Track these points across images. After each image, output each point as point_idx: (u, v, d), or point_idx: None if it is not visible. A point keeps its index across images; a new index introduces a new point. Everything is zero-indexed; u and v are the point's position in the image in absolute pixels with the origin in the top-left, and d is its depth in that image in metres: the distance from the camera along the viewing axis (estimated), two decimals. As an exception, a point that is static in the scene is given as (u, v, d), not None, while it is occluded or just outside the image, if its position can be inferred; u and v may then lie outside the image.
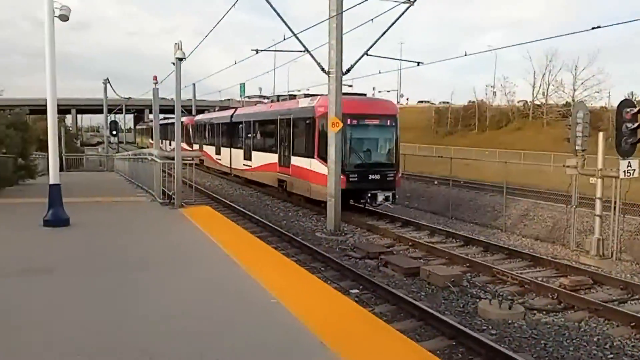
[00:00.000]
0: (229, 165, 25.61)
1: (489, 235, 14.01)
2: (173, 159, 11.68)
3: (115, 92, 39.73)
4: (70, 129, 57.02)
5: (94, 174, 24.95)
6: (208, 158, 29.82)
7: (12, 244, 6.87)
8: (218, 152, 27.88)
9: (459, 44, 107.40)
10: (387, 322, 5.34)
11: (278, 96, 21.55)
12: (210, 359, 3.33)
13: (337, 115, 13.54)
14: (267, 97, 25.72)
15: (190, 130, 33.92)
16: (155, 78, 21.28)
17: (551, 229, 13.84)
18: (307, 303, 4.57)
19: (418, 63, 15.30)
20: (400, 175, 16.17)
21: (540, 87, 51.37)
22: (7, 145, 13.94)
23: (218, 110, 31.76)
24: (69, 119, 67.17)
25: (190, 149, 31.94)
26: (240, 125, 23.41)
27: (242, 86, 67.53)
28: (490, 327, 7.03)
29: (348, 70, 13.67)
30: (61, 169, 11.88)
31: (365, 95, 18.25)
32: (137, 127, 77.49)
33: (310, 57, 13.88)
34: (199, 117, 33.78)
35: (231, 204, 17.96)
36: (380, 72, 23.03)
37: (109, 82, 37.91)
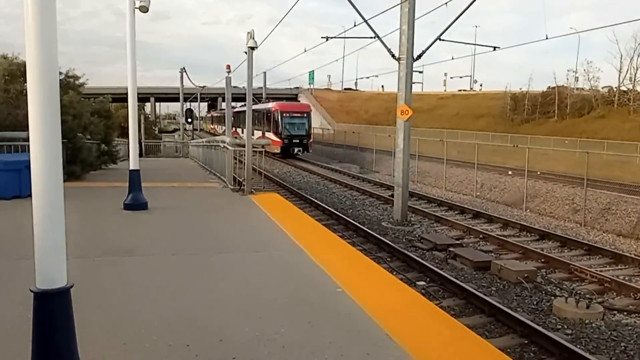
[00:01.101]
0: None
1: (567, 230, 13.33)
2: (244, 146, 12.03)
3: (190, 80, 41.36)
4: (149, 116, 60.04)
5: (170, 160, 26.23)
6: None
7: (95, 226, 7.39)
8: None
9: (538, 27, 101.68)
10: (455, 317, 5.25)
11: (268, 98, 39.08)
12: (276, 344, 3.44)
13: (407, 103, 13.33)
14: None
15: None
16: (228, 67, 21.93)
17: (635, 224, 12.94)
18: (372, 293, 4.59)
19: (494, 48, 14.75)
20: (311, 141, 34.56)
21: (627, 72, 47.53)
22: (92, 132, 14.93)
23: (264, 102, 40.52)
24: (148, 106, 70.74)
25: (239, 136, 35.63)
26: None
27: (311, 74, 68.17)
28: (565, 326, 6.73)
29: (419, 57, 13.40)
30: (140, 155, 12.60)
31: (298, 101, 41.28)
32: (205, 115, 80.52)
33: (380, 43, 13.73)
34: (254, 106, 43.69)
35: (298, 191, 18.29)
36: (453, 58, 22.28)
37: (185, 71, 39.54)
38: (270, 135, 34.11)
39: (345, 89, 76.14)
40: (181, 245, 6.31)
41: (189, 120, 41.13)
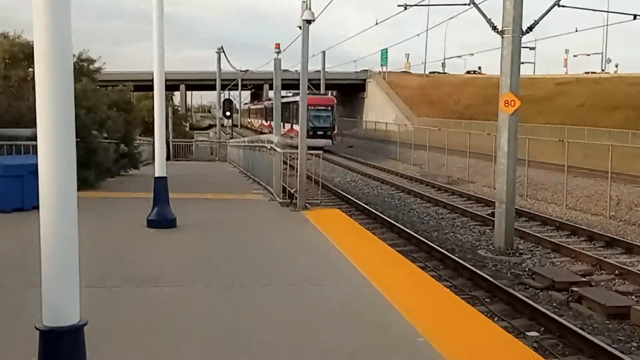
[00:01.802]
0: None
1: None
2: (296, 147, 12.20)
3: (230, 63, 42.55)
4: (179, 108, 62.04)
5: (204, 164, 26.99)
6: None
7: (113, 248, 7.71)
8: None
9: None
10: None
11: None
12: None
13: (513, 91, 13.06)
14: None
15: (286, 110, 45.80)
16: (278, 46, 22.34)
17: None
18: (466, 347, 4.49)
19: (635, 16, 14.20)
20: (335, 132, 45.81)
21: None
22: (109, 129, 15.54)
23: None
24: (177, 96, 73.10)
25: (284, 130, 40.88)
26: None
27: (384, 53, 68.27)
28: None
29: (530, 28, 13.16)
30: (168, 158, 13.02)
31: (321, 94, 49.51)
32: (247, 107, 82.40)
33: (476, 11, 13.56)
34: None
35: (366, 206, 18.30)
36: (577, 30, 21.59)
37: (223, 52, 40.61)
38: (296, 127, 50.11)
39: (429, 72, 75.59)
40: (217, 274, 6.46)
41: (227, 113, 42.17)
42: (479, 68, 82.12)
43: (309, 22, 11.55)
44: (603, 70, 69.21)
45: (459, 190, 23.66)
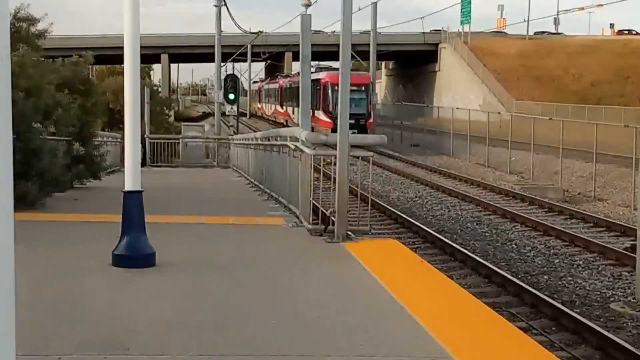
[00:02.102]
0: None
1: None
2: (333, 146, 12.11)
3: (235, 22, 43.03)
4: (159, 89, 62.53)
5: (197, 172, 27.14)
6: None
7: (64, 297, 7.74)
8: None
9: None
10: None
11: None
12: None
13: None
14: None
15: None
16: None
17: None
18: None
19: None
20: (370, 121, 53.33)
21: None
22: (58, 120, 15.73)
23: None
24: (156, 71, 73.87)
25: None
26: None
27: (466, 4, 68.03)
28: None
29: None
30: (143, 163, 13.08)
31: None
32: (260, 87, 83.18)
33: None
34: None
35: (439, 236, 18.18)
36: None
37: (225, 4, 40.86)
38: (319, 114, 49.73)
39: (534, 33, 75.28)
40: (214, 337, 6.44)
41: (231, 96, 41.96)
42: (610, 26, 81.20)
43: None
44: None
45: (581, 212, 23.40)
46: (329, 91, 49.55)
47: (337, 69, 56.57)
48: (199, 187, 20.32)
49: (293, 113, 64.78)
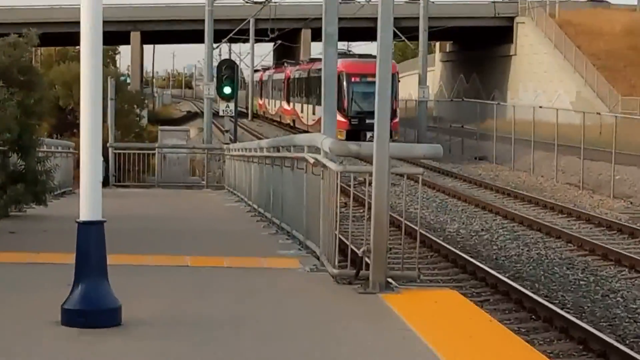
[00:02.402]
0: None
1: None
2: (369, 160, 12.12)
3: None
4: (128, 79, 63.10)
5: (179, 193, 27.27)
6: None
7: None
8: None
9: None
10: None
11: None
12: None
13: None
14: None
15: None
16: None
17: None
18: None
19: None
20: (397, 120, 60.58)
21: None
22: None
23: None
24: (125, 54, 74.57)
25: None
26: None
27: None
28: None
29: None
30: (106, 182, 13.08)
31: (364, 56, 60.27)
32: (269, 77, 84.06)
33: None
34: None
35: (514, 284, 18.13)
36: None
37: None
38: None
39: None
40: None
41: (227, 89, 41.84)
42: None
43: None
44: None
45: None
46: (344, 83, 51.35)
47: (355, 55, 57.89)
48: (182, 216, 20.37)
49: (302, 111, 66.84)
